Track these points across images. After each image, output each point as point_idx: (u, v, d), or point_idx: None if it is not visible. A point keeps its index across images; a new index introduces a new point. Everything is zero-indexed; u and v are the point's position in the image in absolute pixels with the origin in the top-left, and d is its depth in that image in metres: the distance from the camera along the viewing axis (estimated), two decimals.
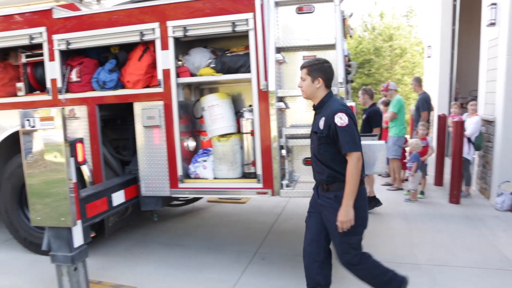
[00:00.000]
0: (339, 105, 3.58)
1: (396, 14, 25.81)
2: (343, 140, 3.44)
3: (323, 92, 3.69)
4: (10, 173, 5.71)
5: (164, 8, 4.83)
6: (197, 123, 5.42)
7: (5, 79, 5.77)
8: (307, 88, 3.71)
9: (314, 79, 3.65)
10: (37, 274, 5.10)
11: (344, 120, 3.45)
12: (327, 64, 3.70)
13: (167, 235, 6.37)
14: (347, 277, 4.18)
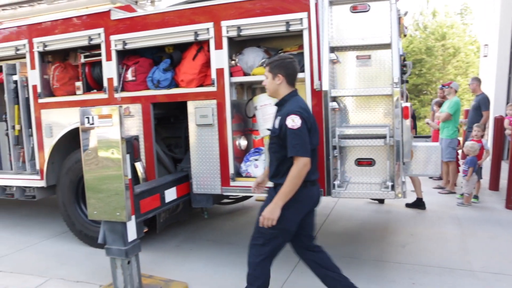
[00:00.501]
0: (296, 107, 3.49)
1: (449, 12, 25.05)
2: (290, 143, 3.38)
3: (285, 89, 3.62)
4: (68, 168, 5.92)
5: (215, 9, 4.89)
6: (249, 122, 5.45)
7: (65, 79, 6.00)
8: (269, 85, 3.66)
9: (274, 75, 3.59)
10: (92, 266, 5.28)
11: (296, 122, 3.37)
12: (289, 60, 3.62)
13: (216, 232, 6.44)
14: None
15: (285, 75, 3.59)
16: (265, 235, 3.57)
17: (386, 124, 4.43)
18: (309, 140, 3.44)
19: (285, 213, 3.48)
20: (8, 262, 5.53)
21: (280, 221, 3.48)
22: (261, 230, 3.56)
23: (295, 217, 3.61)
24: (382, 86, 4.40)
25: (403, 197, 4.37)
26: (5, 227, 7.12)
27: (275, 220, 3.43)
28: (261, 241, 3.61)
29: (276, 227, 3.50)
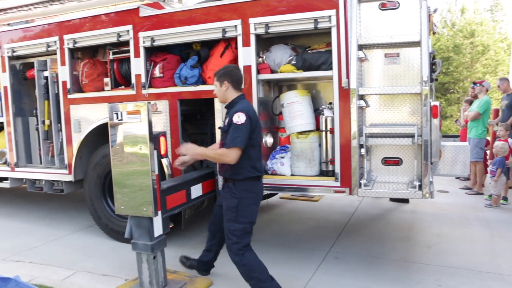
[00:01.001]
0: (243, 107, 3.94)
1: (479, 9, 24.51)
2: (231, 136, 3.83)
3: (232, 94, 4.08)
4: (96, 163, 6.01)
5: (242, 6, 4.90)
6: (275, 120, 5.44)
7: (93, 75, 6.11)
8: (218, 93, 4.15)
9: (221, 83, 4.07)
10: (118, 259, 5.35)
11: (241, 119, 3.81)
12: (232, 68, 4.13)
13: None
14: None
15: (230, 81, 4.05)
16: (236, 231, 3.97)
17: (414, 123, 4.38)
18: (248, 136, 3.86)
19: (250, 208, 4.02)
20: (38, 254, 5.65)
21: (246, 215, 3.99)
22: (228, 227, 4.01)
23: (256, 209, 4.11)
24: (410, 84, 4.34)
25: (430, 197, 4.32)
26: (35, 220, 7.28)
27: (188, 152, 4.12)
28: (234, 239, 3.99)
29: (244, 222, 3.99)
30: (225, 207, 4.09)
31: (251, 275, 3.99)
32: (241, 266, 4.00)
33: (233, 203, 3.99)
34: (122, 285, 4.59)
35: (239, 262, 4.00)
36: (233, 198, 4.00)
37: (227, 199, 4.06)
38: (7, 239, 6.30)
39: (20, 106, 6.97)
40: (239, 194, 3.98)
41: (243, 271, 4.02)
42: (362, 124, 4.49)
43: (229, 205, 4.01)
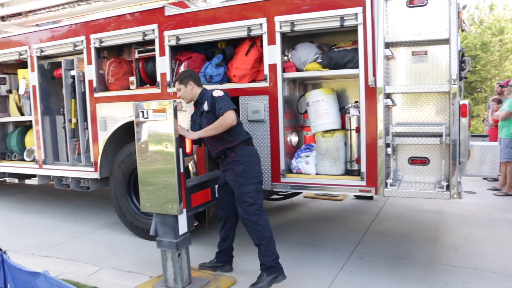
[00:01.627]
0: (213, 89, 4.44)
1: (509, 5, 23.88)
2: (219, 106, 4.25)
3: (197, 90, 4.56)
4: (121, 161, 6.07)
5: (266, 4, 4.87)
6: (300, 118, 5.41)
7: (119, 74, 6.17)
8: (185, 94, 4.57)
9: (186, 84, 4.51)
10: (143, 256, 5.40)
11: (220, 93, 4.34)
12: (190, 71, 4.64)
13: None
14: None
15: (193, 80, 4.53)
16: (249, 193, 4.31)
17: (442, 122, 4.30)
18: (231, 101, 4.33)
19: (255, 168, 4.41)
20: (64, 250, 5.74)
21: (255, 176, 4.38)
22: (242, 192, 4.32)
23: (260, 169, 4.53)
24: (438, 82, 4.27)
25: (458, 198, 4.24)
26: (61, 217, 7.40)
27: (187, 135, 4.37)
28: (250, 201, 4.32)
29: (255, 182, 4.37)
30: (232, 178, 4.41)
31: (265, 235, 4.30)
32: (258, 225, 4.29)
33: (240, 169, 4.35)
34: (147, 282, 4.62)
35: (257, 222, 4.30)
36: (239, 165, 4.36)
37: (232, 170, 4.41)
38: (35, 235, 6.43)
39: (48, 104, 7.10)
40: (242, 159, 4.36)
41: (257, 231, 4.28)
42: (388, 123, 4.44)
43: (237, 171, 4.36)
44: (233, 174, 4.38)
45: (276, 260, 4.31)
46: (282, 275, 4.30)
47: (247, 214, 4.33)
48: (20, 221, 7.28)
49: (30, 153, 7.40)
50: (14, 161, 7.64)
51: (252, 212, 4.30)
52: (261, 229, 4.29)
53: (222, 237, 4.81)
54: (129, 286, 4.56)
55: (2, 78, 7.79)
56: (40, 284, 3.25)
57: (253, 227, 4.31)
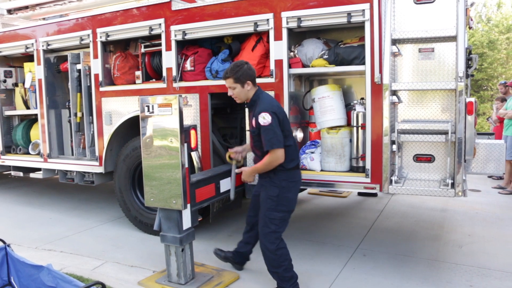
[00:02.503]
0: (265, 105, 3.93)
1: None
2: (265, 139, 3.88)
3: (253, 91, 4.07)
4: (126, 155, 6.08)
5: (271, 0, 4.85)
6: (306, 114, 5.40)
7: (125, 68, 6.17)
8: (239, 94, 4.07)
9: (243, 84, 4.01)
10: (146, 251, 5.41)
11: (267, 119, 3.82)
12: (247, 65, 4.04)
13: None
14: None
15: (252, 80, 4.04)
16: (274, 220, 4.01)
17: (448, 119, 4.28)
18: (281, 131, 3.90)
19: (289, 195, 4.06)
20: (68, 243, 5.76)
21: (286, 204, 4.05)
22: (268, 216, 4.02)
23: (295, 197, 4.17)
24: (445, 80, 4.24)
25: (463, 195, 4.22)
26: (66, 210, 7.43)
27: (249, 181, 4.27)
28: (273, 227, 4.03)
29: (284, 210, 4.05)
30: (264, 196, 4.11)
31: (281, 264, 4.03)
32: (275, 254, 4.02)
33: (274, 192, 4.03)
34: (150, 277, 4.63)
35: (274, 251, 4.02)
36: (274, 187, 4.03)
37: (266, 188, 4.09)
38: (39, 229, 6.45)
39: (54, 98, 7.11)
40: (279, 183, 4.02)
41: (273, 259, 4.04)
42: (394, 120, 4.42)
43: (270, 194, 4.04)
44: (265, 193, 4.10)
45: (295, 283, 4.09)
46: None
47: (265, 239, 4.06)
48: (24, 214, 7.31)
49: (35, 147, 7.42)
50: (19, 154, 7.66)
51: (271, 240, 4.02)
52: (277, 258, 4.02)
53: (244, 240, 4.66)
54: (132, 280, 4.57)
55: (8, 71, 7.81)
56: (44, 278, 3.28)
57: (267, 254, 4.07)
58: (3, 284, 3.56)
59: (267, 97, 4.08)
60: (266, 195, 4.08)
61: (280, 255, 4.03)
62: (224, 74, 4.07)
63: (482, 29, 23.10)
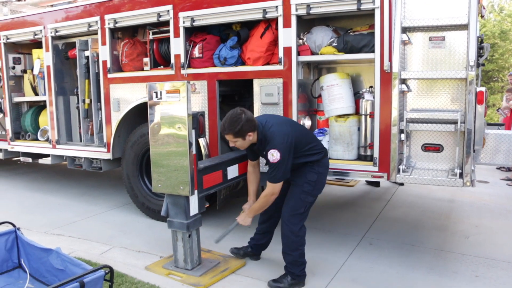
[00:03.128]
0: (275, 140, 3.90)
1: None
2: (270, 173, 3.96)
3: (255, 135, 4.04)
4: (134, 142, 6.10)
5: None
6: (314, 102, 5.38)
7: (133, 55, 6.16)
8: (243, 145, 4.09)
9: (245, 137, 3.99)
10: (154, 237, 5.45)
11: (276, 156, 3.87)
12: (245, 115, 3.92)
13: None
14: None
15: (253, 129, 3.98)
16: (306, 203, 4.14)
17: (457, 109, 4.25)
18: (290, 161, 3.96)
19: (323, 181, 4.25)
20: (77, 229, 5.81)
21: (320, 188, 4.22)
22: (304, 199, 4.12)
23: (325, 182, 4.31)
24: (455, 69, 4.21)
25: (471, 186, 4.21)
26: (74, 196, 7.48)
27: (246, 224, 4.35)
28: (302, 210, 4.13)
29: (316, 195, 4.23)
30: (299, 181, 4.17)
31: (299, 247, 4.13)
32: (296, 236, 4.11)
33: (313, 177, 4.14)
34: (157, 262, 4.67)
35: (297, 232, 4.11)
36: (313, 173, 4.14)
37: (304, 175, 4.15)
38: (48, 214, 6.51)
39: (62, 85, 7.13)
40: (318, 169, 4.15)
41: (293, 241, 4.11)
42: (403, 109, 4.40)
43: (309, 178, 4.13)
44: (303, 178, 4.14)
45: (304, 269, 4.19)
46: (303, 283, 4.18)
47: (291, 221, 4.11)
48: (33, 199, 7.37)
49: (43, 133, 7.46)
50: (28, 140, 7.71)
51: (296, 222, 4.11)
52: (298, 241, 4.11)
53: (263, 231, 4.66)
54: (139, 265, 4.60)
55: (17, 58, 7.83)
56: (53, 261, 3.31)
57: (289, 236, 4.11)
58: (13, 267, 3.61)
59: (274, 131, 3.99)
60: (302, 180, 4.14)
61: (301, 238, 4.13)
62: (222, 129, 4.04)
63: (494, 19, 22.83)
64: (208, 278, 4.28)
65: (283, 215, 4.19)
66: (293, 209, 4.13)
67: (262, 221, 4.66)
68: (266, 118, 4.14)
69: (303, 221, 4.17)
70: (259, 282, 4.27)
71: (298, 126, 4.34)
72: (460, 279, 4.30)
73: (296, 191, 4.16)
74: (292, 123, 4.29)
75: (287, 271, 4.17)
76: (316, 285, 4.20)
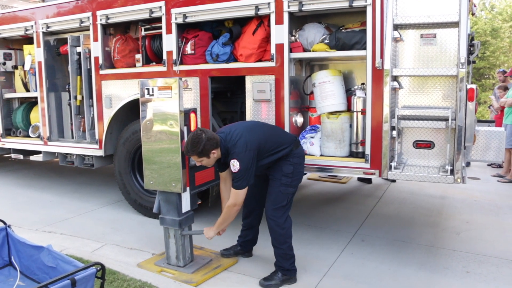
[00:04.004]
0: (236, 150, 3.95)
1: None
2: (235, 182, 3.98)
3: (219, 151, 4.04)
4: (126, 138, 6.09)
5: None
6: (306, 99, 5.38)
7: (125, 51, 6.14)
8: (209, 163, 4.10)
9: (209, 155, 3.99)
10: (146, 234, 5.45)
11: (236, 166, 3.91)
12: (205, 135, 3.93)
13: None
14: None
15: (215, 147, 3.98)
16: (287, 195, 4.18)
17: (448, 106, 4.27)
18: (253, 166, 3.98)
19: (301, 170, 4.30)
20: (68, 226, 5.79)
21: (298, 178, 4.26)
22: (284, 192, 4.16)
23: (302, 170, 4.36)
24: (446, 66, 4.22)
25: (462, 182, 4.23)
26: (66, 193, 7.45)
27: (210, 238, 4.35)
28: (284, 202, 4.17)
29: (296, 185, 4.25)
30: (275, 175, 4.22)
31: (287, 240, 4.17)
32: (282, 229, 4.14)
33: (289, 169, 4.17)
34: (149, 259, 4.67)
35: (283, 225, 4.15)
36: (288, 165, 4.17)
37: (279, 168, 4.19)
38: (40, 211, 6.48)
39: (53, 81, 7.09)
40: (292, 160, 4.18)
41: (280, 234, 4.14)
42: (394, 105, 4.41)
43: (285, 171, 4.17)
44: (280, 172, 4.19)
45: (293, 263, 4.22)
46: (294, 278, 4.21)
47: (275, 215, 4.15)
48: (24, 197, 7.34)
49: (35, 130, 7.42)
50: (19, 137, 7.66)
51: (280, 214, 4.14)
52: (285, 233, 4.15)
53: (248, 226, 4.69)
54: (131, 262, 4.60)
55: (8, 54, 7.77)
56: (44, 258, 3.30)
57: (276, 230, 4.15)
58: (4, 264, 3.59)
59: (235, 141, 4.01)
60: (279, 174, 4.18)
61: (287, 230, 4.17)
62: (186, 152, 4.06)
63: (485, 16, 22.94)
64: (201, 275, 4.29)
65: (266, 210, 4.22)
66: (274, 203, 4.17)
67: (245, 216, 4.69)
68: (230, 129, 4.13)
69: (287, 212, 4.20)
70: (251, 279, 4.28)
71: (263, 129, 4.26)
72: (451, 275, 4.34)
73: (275, 185, 4.19)
74: (256, 127, 4.25)
75: (277, 267, 4.19)
76: (309, 281, 4.22)
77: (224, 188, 4.40)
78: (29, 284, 3.31)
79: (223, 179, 4.40)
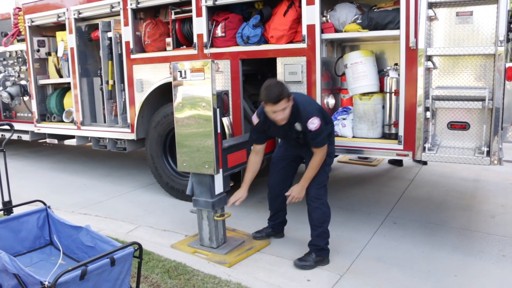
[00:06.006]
0: (309, 108, 3.99)
1: None
2: (315, 140, 4.00)
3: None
4: (157, 122, 6.15)
5: None
6: (337, 81, 5.33)
7: (156, 35, 6.15)
8: (286, 114, 3.92)
9: (288, 100, 3.85)
10: (179, 216, 5.52)
11: (316, 123, 3.90)
12: (277, 83, 3.93)
13: None
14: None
15: (291, 96, 3.93)
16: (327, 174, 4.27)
17: (485, 86, 4.17)
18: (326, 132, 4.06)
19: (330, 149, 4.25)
20: (102, 208, 5.93)
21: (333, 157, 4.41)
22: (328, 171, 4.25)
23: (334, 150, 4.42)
24: (484, 44, 4.10)
25: (499, 164, 4.13)
26: (99, 177, 7.61)
27: (300, 199, 4.24)
28: (326, 182, 4.26)
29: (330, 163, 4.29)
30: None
31: (327, 219, 4.22)
32: (326, 206, 4.22)
33: (332, 149, 4.31)
34: (182, 241, 4.73)
35: (327, 203, 4.23)
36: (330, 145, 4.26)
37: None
38: (75, 194, 6.64)
39: (85, 66, 7.19)
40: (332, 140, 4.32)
41: (323, 213, 4.19)
42: (428, 86, 4.32)
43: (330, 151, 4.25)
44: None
45: (328, 242, 4.26)
46: (327, 260, 4.22)
47: (320, 194, 4.18)
48: (60, 180, 7.52)
49: (68, 115, 7.56)
50: (53, 122, 7.83)
51: (324, 193, 4.22)
52: (327, 211, 4.21)
53: (276, 210, 4.75)
54: (165, 244, 4.68)
55: (41, 41, 7.91)
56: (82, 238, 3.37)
57: (320, 208, 4.17)
58: (45, 243, 3.69)
59: (303, 100, 4.08)
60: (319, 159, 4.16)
61: (329, 208, 4.26)
62: (275, 98, 3.77)
63: None
64: (234, 256, 4.33)
65: (309, 191, 4.19)
66: (319, 183, 4.19)
67: (273, 198, 4.73)
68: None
69: (327, 191, 4.28)
70: (283, 260, 4.30)
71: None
72: (486, 258, 4.27)
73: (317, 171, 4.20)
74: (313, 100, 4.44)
75: (312, 247, 4.20)
76: (342, 263, 4.22)
77: (254, 160, 4.42)
78: (69, 263, 3.39)
79: (255, 151, 4.42)
